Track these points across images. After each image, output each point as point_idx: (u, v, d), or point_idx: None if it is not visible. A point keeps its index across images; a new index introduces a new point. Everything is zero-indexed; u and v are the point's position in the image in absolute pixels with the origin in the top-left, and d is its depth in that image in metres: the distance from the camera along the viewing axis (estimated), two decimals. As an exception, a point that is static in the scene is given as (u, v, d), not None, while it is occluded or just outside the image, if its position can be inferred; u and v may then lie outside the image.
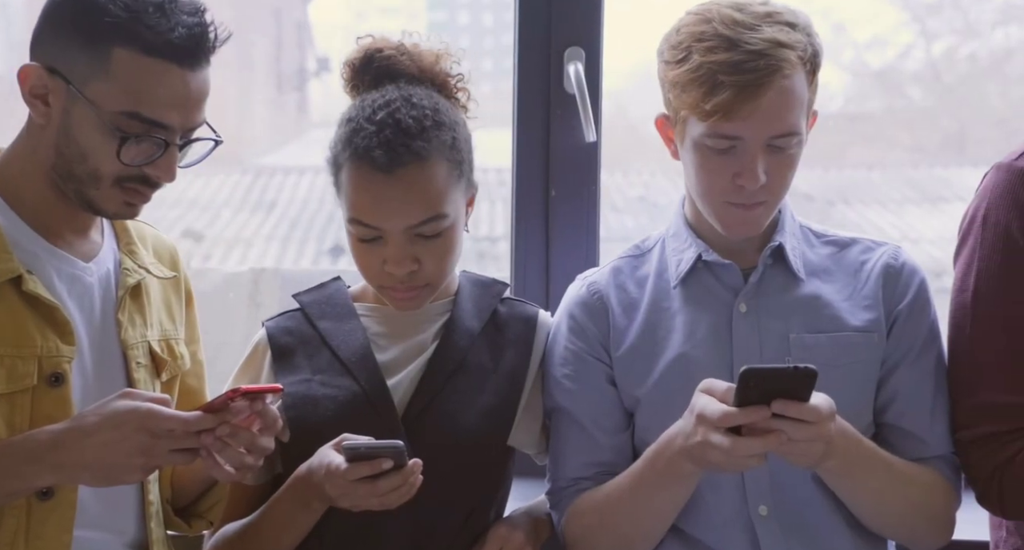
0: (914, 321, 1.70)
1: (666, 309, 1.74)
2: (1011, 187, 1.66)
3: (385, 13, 5.77)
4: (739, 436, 1.46)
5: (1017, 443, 1.62)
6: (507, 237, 3.26)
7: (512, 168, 2.33)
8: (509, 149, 2.37)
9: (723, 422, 1.46)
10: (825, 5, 3.39)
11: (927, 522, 1.68)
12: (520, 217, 2.32)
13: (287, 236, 4.21)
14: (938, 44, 3.65)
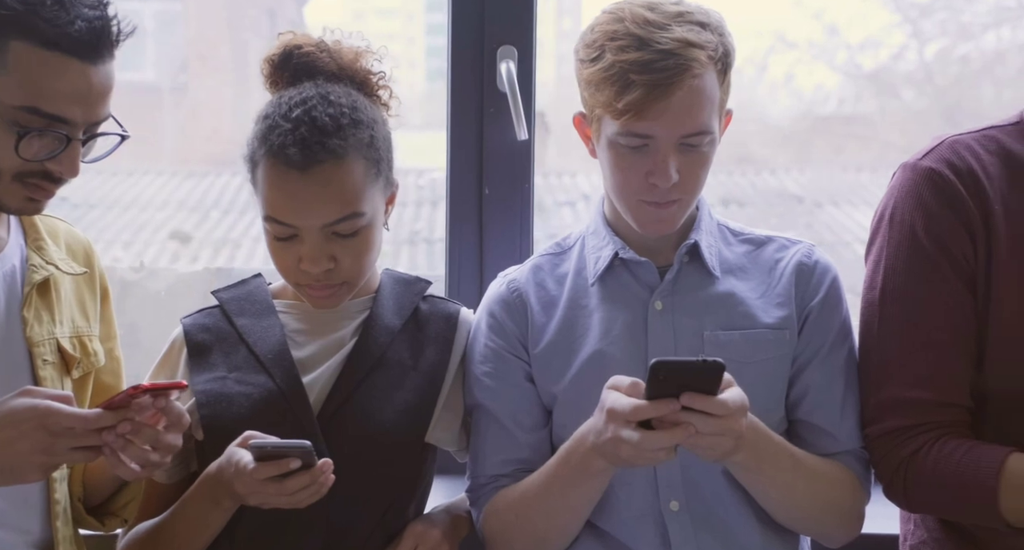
0: (825, 319, 1.72)
1: (584, 307, 1.75)
2: (915, 186, 1.69)
3: (383, 14, 5.77)
4: (648, 430, 1.47)
5: (921, 437, 1.65)
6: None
7: (446, 167, 2.34)
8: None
9: (633, 416, 1.47)
10: (818, 7, 3.39)
11: (836, 516, 1.70)
12: (454, 215, 2.34)
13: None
14: (931, 46, 3.65)
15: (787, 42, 3.75)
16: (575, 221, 4.33)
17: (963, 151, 1.69)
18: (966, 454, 1.61)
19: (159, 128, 3.62)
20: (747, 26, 3.65)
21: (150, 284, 3.12)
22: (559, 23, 6.13)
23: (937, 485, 1.63)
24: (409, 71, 5.81)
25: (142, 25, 3.06)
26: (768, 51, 3.75)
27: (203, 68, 3.65)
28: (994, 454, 1.60)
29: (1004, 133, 1.71)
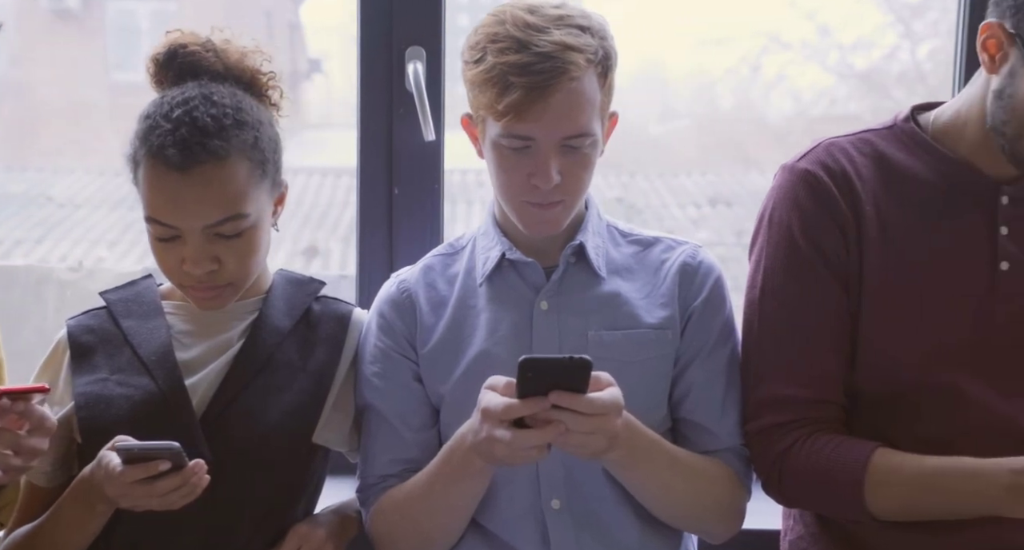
0: (707, 319, 1.74)
1: (472, 307, 1.76)
2: (792, 188, 1.72)
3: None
4: (520, 429, 1.49)
5: (795, 434, 1.68)
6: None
7: (356, 166, 2.34)
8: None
9: (504, 415, 1.48)
10: (810, 7, 3.39)
11: (715, 512, 1.72)
12: (364, 215, 2.33)
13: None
14: (923, 46, 3.64)
15: (781, 43, 3.74)
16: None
17: (838, 153, 1.72)
18: (836, 449, 1.64)
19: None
20: (741, 27, 3.65)
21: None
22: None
23: (808, 480, 1.66)
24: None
25: (137, 25, 3.06)
26: (761, 51, 3.75)
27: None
28: (861, 449, 1.63)
29: (878, 136, 1.74)
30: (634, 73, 4.65)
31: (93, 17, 3.71)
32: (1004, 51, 1.58)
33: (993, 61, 1.60)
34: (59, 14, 3.69)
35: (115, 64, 3.83)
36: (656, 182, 4.44)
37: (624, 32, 2.49)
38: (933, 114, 1.74)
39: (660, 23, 2.22)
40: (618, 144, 3.52)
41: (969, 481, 1.56)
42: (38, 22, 3.54)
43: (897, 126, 1.75)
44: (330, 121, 4.40)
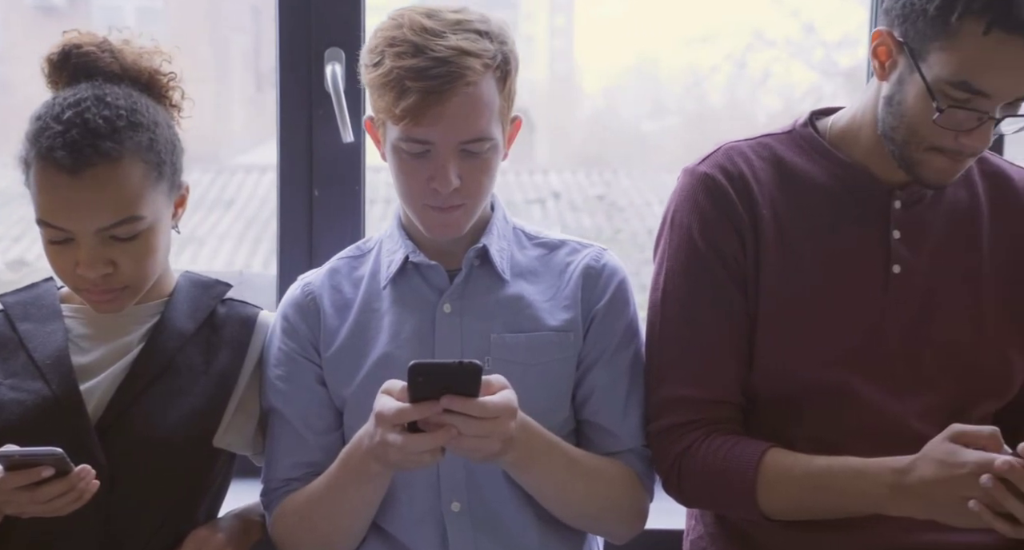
0: (610, 321, 1.75)
1: (376, 310, 1.76)
2: (692, 191, 1.74)
3: (376, 11, 5.74)
4: (413, 433, 1.50)
5: (693, 434, 1.70)
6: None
7: (276, 169, 2.33)
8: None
9: (396, 419, 1.49)
10: (795, 5, 3.38)
11: (615, 513, 1.73)
12: (284, 217, 2.32)
13: (242, 235, 4.17)
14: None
15: (765, 40, 3.73)
16: (543, 218, 4.31)
17: (736, 157, 1.74)
18: (730, 450, 1.66)
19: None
20: (726, 24, 3.64)
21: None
22: (551, 19, 6.11)
23: (705, 480, 1.68)
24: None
25: (123, 22, 3.04)
26: (746, 49, 3.74)
27: (183, 65, 3.62)
28: (754, 450, 1.65)
29: (777, 140, 1.77)
30: (628, 70, 4.65)
31: (78, 13, 3.69)
32: (893, 58, 1.61)
33: (883, 68, 1.63)
34: (43, 10, 3.67)
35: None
36: (639, 180, 4.44)
37: (619, 30, 2.48)
38: (831, 119, 1.77)
39: (653, 20, 2.21)
40: (607, 141, 3.50)
41: (854, 480, 1.58)
42: (22, 18, 3.52)
43: (796, 131, 1.77)
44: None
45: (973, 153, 1.61)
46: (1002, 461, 1.43)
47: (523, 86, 1.77)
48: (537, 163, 4.84)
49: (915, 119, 1.60)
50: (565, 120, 5.24)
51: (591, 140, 4.97)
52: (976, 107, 1.55)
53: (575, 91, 5.47)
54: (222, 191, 4.29)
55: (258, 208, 4.30)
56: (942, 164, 1.63)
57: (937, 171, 1.64)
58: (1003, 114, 1.57)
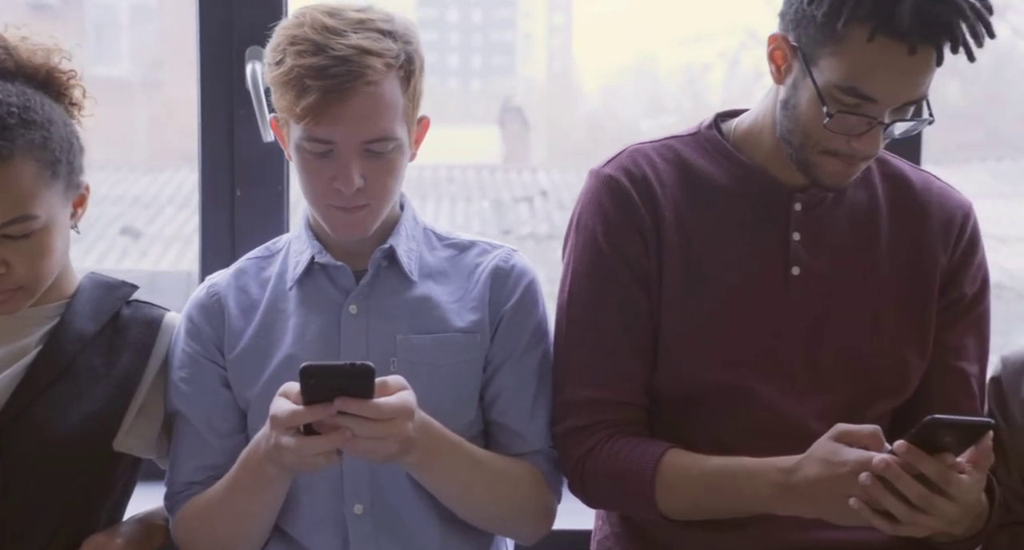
0: (518, 323, 1.75)
1: (282, 311, 1.75)
2: (597, 193, 1.75)
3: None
4: (307, 435, 1.49)
5: (596, 435, 1.71)
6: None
7: (198, 168, 2.31)
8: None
9: (290, 421, 1.49)
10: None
11: (520, 513, 1.73)
12: (206, 218, 2.30)
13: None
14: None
15: (758, 38, 3.71)
16: (531, 216, 4.31)
17: (641, 159, 1.75)
18: (631, 451, 1.68)
19: (132, 123, 3.58)
20: (719, 22, 3.63)
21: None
22: (550, 17, 6.11)
23: (607, 480, 1.70)
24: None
25: (117, 20, 3.02)
26: (740, 47, 3.73)
27: (177, 63, 3.60)
28: (654, 450, 1.67)
29: (682, 142, 1.78)
30: (626, 69, 4.63)
31: (71, 12, 3.67)
32: (788, 63, 1.62)
33: (780, 72, 1.64)
34: (37, 9, 3.65)
35: (94, 59, 3.80)
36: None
37: (617, 29, 2.47)
38: (735, 122, 1.78)
39: (650, 19, 2.20)
40: (604, 139, 3.49)
41: (744, 480, 1.60)
42: (15, 17, 3.49)
43: (701, 133, 1.78)
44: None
45: (866, 157, 1.63)
46: (879, 459, 1.44)
47: (521, 84, 1.75)
48: (527, 162, 4.83)
49: (808, 123, 1.61)
50: (563, 118, 5.22)
51: (588, 138, 4.96)
52: (865, 112, 1.57)
53: (573, 89, 5.46)
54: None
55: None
56: (836, 167, 1.64)
57: (832, 174, 1.65)
58: (892, 118, 1.59)
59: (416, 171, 2.26)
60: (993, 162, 4.79)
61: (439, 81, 5.65)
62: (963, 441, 1.46)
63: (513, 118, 5.10)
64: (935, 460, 1.44)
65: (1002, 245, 4.59)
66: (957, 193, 1.80)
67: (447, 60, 6.01)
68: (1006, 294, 4.36)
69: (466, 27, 6.10)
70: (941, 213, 1.76)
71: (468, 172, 4.95)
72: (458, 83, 6.02)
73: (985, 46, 1.57)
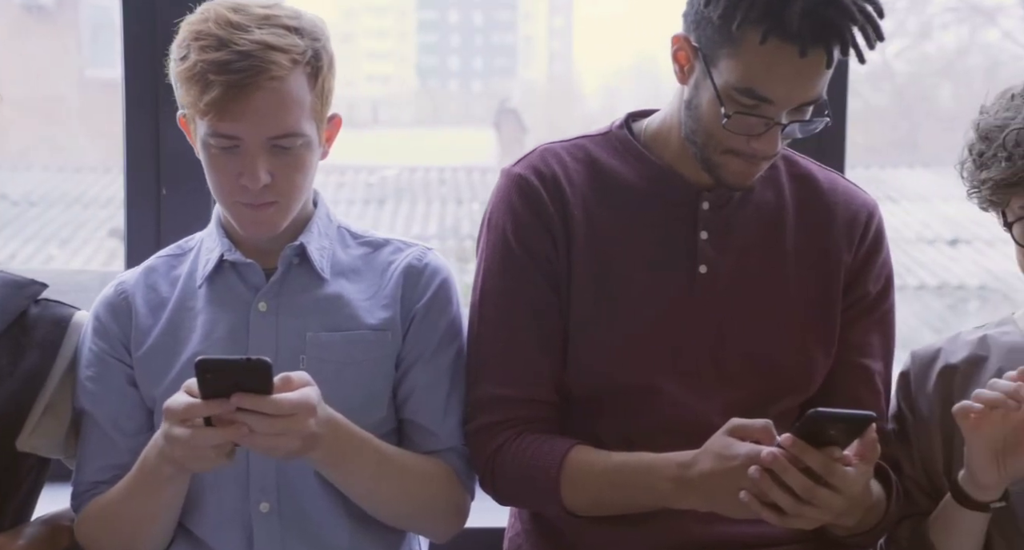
0: (431, 321, 1.75)
1: (191, 309, 1.74)
2: (507, 192, 1.76)
3: (375, 12, 5.73)
4: (200, 427, 1.49)
5: (506, 433, 1.71)
6: (439, 236, 3.11)
7: (123, 167, 2.29)
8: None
9: (184, 414, 1.48)
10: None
11: (430, 511, 1.74)
12: (131, 216, 2.29)
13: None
14: (892, 44, 3.59)
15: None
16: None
17: (551, 158, 1.77)
18: (538, 448, 1.69)
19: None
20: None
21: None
22: (551, 19, 6.08)
23: (515, 477, 1.70)
24: (401, 67, 5.78)
25: (112, 21, 2.99)
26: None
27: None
28: (560, 446, 1.68)
29: (593, 142, 1.79)
30: (626, 71, 4.62)
31: (66, 13, 3.66)
32: (691, 63, 1.64)
33: (683, 72, 1.66)
34: (31, 10, 3.63)
35: (88, 61, 3.79)
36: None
37: (618, 30, 2.45)
38: (646, 122, 1.80)
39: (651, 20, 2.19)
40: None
41: (643, 476, 1.62)
42: (9, 18, 3.49)
43: (612, 133, 1.79)
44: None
45: (766, 157, 1.64)
46: (767, 452, 1.46)
47: (522, 86, 1.74)
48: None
49: (710, 123, 1.63)
50: (562, 120, 5.21)
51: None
52: (762, 113, 1.58)
53: (574, 92, 5.44)
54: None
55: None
56: (739, 167, 1.66)
57: (734, 173, 1.67)
58: (790, 119, 1.60)
59: (408, 173, 2.25)
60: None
61: (440, 83, 5.63)
62: (849, 434, 1.47)
63: (509, 120, 5.08)
64: (820, 453, 1.45)
65: (989, 247, 4.57)
66: (863, 193, 1.82)
67: (448, 62, 5.99)
68: (992, 296, 4.34)
69: (467, 29, 6.08)
70: (846, 212, 1.77)
71: (459, 174, 4.93)
72: (459, 85, 6.00)
73: (977, 48, 1.59)
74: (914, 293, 4.51)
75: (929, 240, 4.77)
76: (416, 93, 5.50)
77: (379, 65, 5.63)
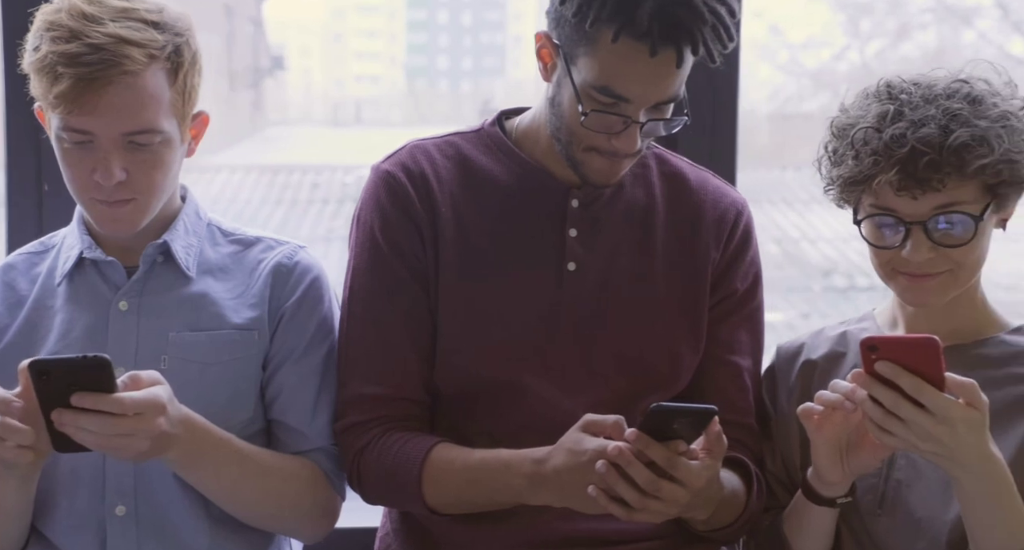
0: (301, 320, 1.72)
1: (49, 307, 1.70)
2: (375, 189, 1.75)
3: (364, 11, 5.69)
4: (9, 420, 1.45)
5: (372, 431, 1.70)
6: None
7: (3, 162, 2.22)
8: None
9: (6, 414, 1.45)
10: (760, 6, 3.31)
11: (295, 512, 1.71)
12: (12, 212, 2.21)
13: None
14: (872, 45, 3.57)
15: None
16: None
17: (419, 155, 1.75)
18: (402, 446, 1.68)
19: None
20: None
21: None
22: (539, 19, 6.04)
23: (379, 476, 1.69)
24: (390, 67, 5.74)
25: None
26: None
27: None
28: (423, 444, 1.67)
29: (464, 139, 1.78)
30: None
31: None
32: (553, 61, 1.64)
33: (547, 70, 1.66)
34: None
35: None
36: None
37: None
38: (518, 119, 1.79)
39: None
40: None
41: (500, 472, 1.61)
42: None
43: (483, 130, 1.79)
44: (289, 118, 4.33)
45: (627, 154, 1.64)
46: (612, 447, 1.47)
47: (510, 86, 1.70)
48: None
49: (571, 121, 1.63)
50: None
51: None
52: (620, 111, 1.59)
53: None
54: (195, 190, 4.21)
55: (226, 208, 4.23)
56: (601, 165, 1.65)
57: (597, 171, 1.66)
58: (649, 118, 1.60)
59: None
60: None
61: (429, 83, 5.60)
62: (693, 428, 1.48)
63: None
64: (662, 446, 1.45)
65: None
66: (733, 191, 1.83)
67: (436, 62, 5.96)
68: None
69: (456, 29, 6.04)
70: (715, 210, 1.77)
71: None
72: (448, 85, 5.96)
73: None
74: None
75: (901, 240, 4.71)
76: (405, 93, 5.47)
77: (368, 65, 5.59)
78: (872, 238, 1.61)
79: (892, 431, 1.44)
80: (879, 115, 1.57)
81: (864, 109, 1.60)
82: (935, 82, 1.59)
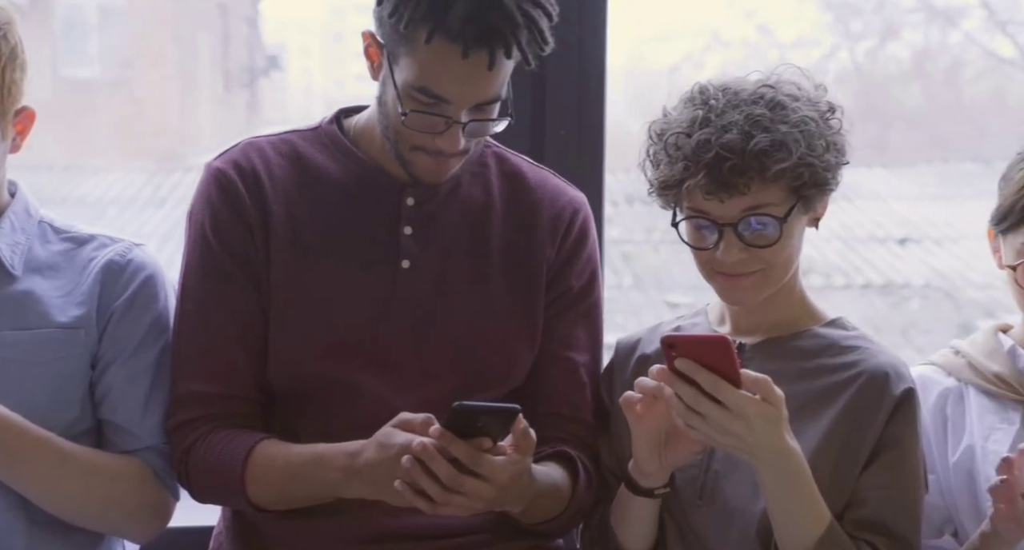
0: (132, 318, 1.70)
1: None
2: (207, 186, 1.73)
3: (363, 11, 5.66)
4: None
5: (200, 429, 1.69)
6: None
7: None
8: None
9: None
10: (750, 6, 3.31)
11: (121, 511, 1.69)
12: None
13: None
14: (861, 45, 3.57)
15: (722, 41, 3.65)
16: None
17: (253, 153, 1.73)
18: (227, 444, 1.66)
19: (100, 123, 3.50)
20: (685, 25, 3.56)
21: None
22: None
23: (206, 473, 1.68)
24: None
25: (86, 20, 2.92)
26: (704, 50, 3.67)
27: (148, 64, 3.51)
28: (247, 442, 1.66)
29: (301, 137, 1.77)
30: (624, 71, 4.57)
31: (40, 12, 3.58)
32: (380, 60, 1.64)
33: (374, 68, 1.67)
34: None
35: (63, 60, 3.71)
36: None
37: (618, 31, 2.40)
38: (356, 118, 1.78)
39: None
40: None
41: (316, 466, 1.61)
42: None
43: (321, 129, 1.78)
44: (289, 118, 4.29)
45: (452, 154, 1.63)
46: (417, 442, 1.49)
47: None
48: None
49: (395, 120, 1.63)
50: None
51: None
52: (440, 112, 1.59)
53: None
54: (189, 190, 4.19)
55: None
56: (427, 164, 1.65)
57: (425, 170, 1.66)
58: (472, 118, 1.60)
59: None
60: (940, 164, 4.74)
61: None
62: (499, 426, 1.49)
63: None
64: (466, 443, 1.47)
65: (937, 247, 4.54)
66: (572, 190, 1.82)
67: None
68: (935, 294, 4.32)
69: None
70: (552, 209, 1.77)
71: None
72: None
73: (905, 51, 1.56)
74: (860, 292, 4.48)
75: (880, 239, 4.75)
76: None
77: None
78: (691, 240, 1.64)
79: (694, 425, 1.48)
80: (690, 120, 1.60)
81: (680, 114, 1.62)
82: (743, 87, 1.62)
